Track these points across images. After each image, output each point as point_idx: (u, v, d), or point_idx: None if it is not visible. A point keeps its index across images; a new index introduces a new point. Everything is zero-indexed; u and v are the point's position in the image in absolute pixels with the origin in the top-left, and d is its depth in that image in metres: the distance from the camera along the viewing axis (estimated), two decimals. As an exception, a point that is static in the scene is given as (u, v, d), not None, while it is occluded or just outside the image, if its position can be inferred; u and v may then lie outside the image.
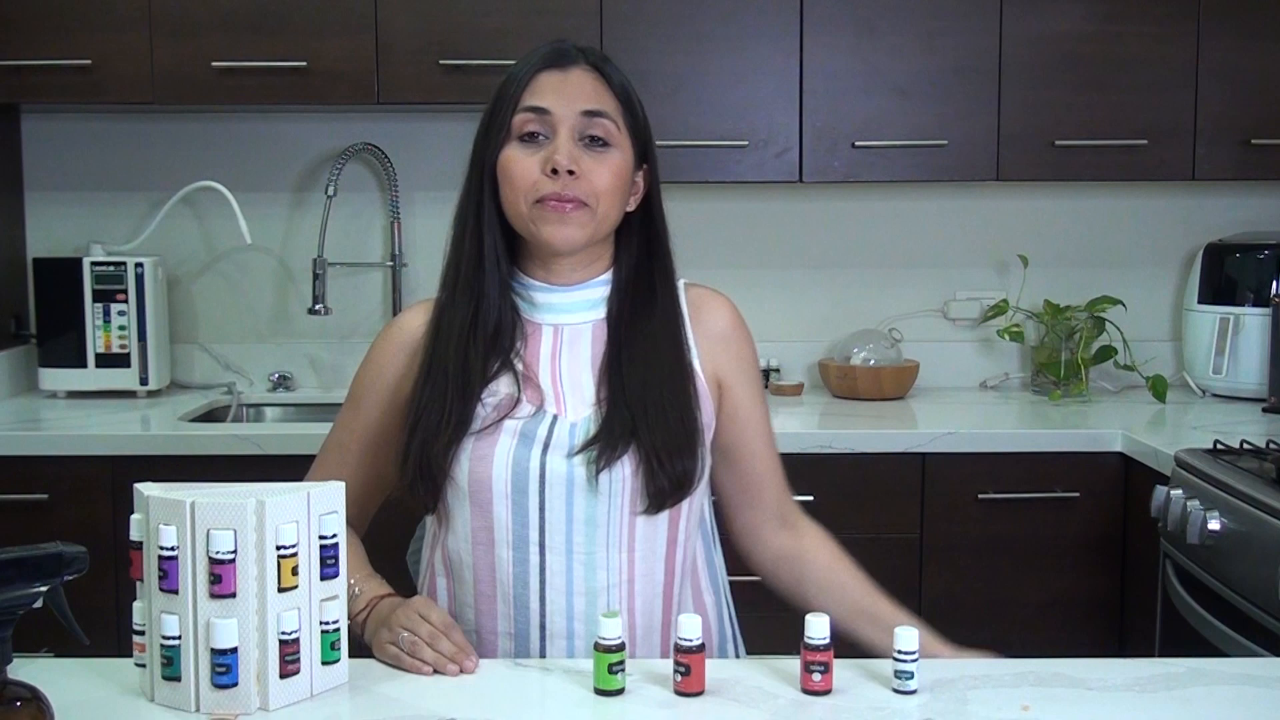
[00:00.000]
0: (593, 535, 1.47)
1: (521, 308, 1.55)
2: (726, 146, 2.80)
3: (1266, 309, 2.89)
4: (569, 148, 1.47)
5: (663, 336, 1.52)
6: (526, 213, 1.48)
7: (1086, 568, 2.62)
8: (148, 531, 1.21)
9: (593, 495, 1.46)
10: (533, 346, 1.53)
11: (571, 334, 1.54)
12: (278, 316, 3.18)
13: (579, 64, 1.52)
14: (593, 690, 1.26)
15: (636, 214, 1.56)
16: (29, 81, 2.75)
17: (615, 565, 1.48)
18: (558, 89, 1.49)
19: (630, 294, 1.54)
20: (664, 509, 1.48)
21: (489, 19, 2.75)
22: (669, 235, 1.58)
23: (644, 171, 1.56)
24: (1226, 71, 2.80)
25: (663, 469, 1.45)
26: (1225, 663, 1.40)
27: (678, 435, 1.47)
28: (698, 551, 1.58)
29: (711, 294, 1.62)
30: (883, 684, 1.28)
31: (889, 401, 2.96)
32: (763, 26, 2.78)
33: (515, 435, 1.47)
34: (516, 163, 1.48)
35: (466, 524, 1.48)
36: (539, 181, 1.47)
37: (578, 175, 1.46)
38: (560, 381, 1.51)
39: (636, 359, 1.50)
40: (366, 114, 3.06)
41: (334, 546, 1.25)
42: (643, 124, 1.55)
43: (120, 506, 2.44)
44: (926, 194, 3.16)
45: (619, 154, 1.50)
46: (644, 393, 1.48)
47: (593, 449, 1.46)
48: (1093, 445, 2.60)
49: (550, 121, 1.48)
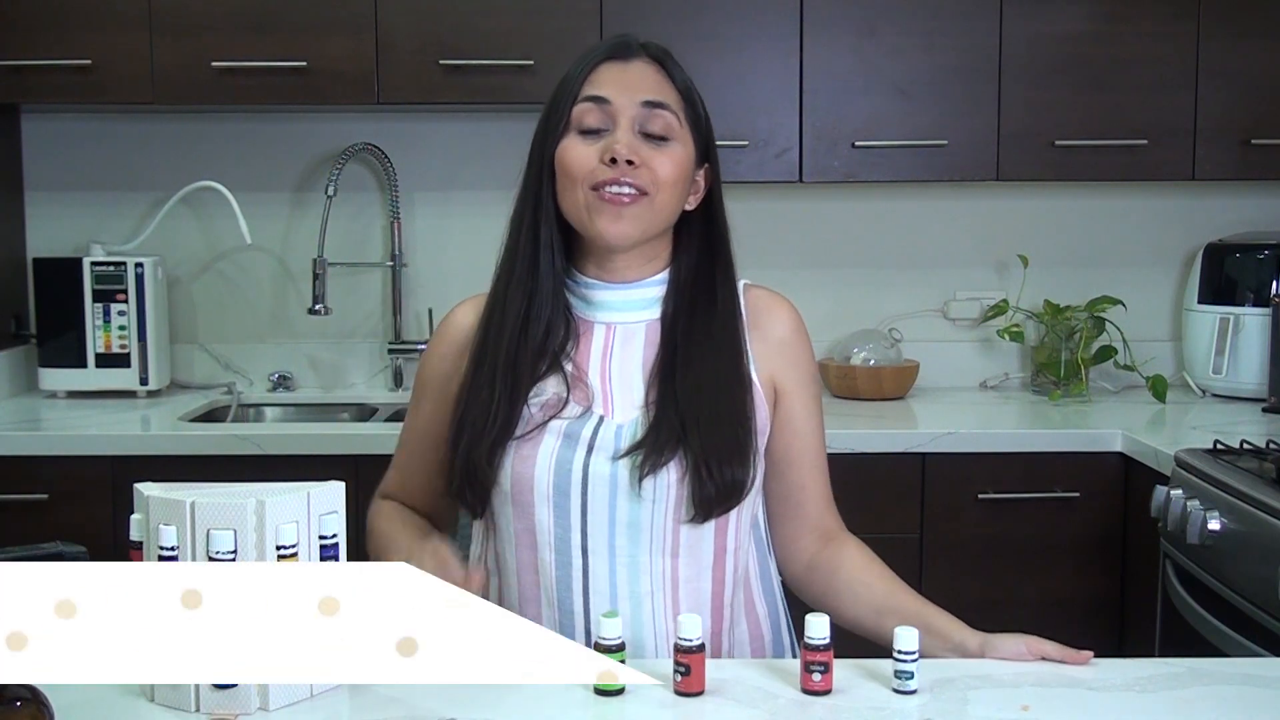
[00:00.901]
0: (636, 539, 1.44)
1: (575, 305, 1.52)
2: (726, 146, 2.79)
3: (1266, 309, 2.89)
4: (629, 138, 1.44)
5: (722, 342, 1.49)
6: (583, 202, 1.44)
7: (1086, 568, 2.62)
8: (148, 531, 1.21)
9: (636, 499, 1.43)
10: (584, 346, 1.51)
11: (625, 333, 1.51)
12: (278, 316, 3.18)
13: (641, 56, 1.50)
14: (593, 690, 1.25)
15: (697, 214, 1.53)
16: (29, 81, 2.75)
17: (659, 570, 1.45)
18: (618, 80, 1.47)
19: (689, 296, 1.51)
20: (711, 518, 1.45)
21: (489, 19, 2.75)
22: (731, 237, 1.54)
23: (705, 170, 1.53)
24: (1226, 71, 2.80)
25: (711, 478, 1.42)
26: (1225, 663, 1.39)
27: (729, 444, 1.44)
28: (751, 559, 1.55)
29: (773, 296, 1.58)
30: (883, 684, 1.28)
31: (889, 401, 2.96)
32: (763, 26, 2.78)
33: (560, 436, 1.45)
34: (575, 151, 1.45)
35: (510, 526, 1.47)
36: (596, 169, 1.43)
37: (637, 164, 1.43)
38: (610, 381, 1.49)
39: (692, 363, 1.47)
40: (366, 114, 3.06)
41: (334, 546, 1.25)
42: (705, 122, 1.52)
43: (120, 506, 2.44)
44: (926, 194, 3.16)
45: (680, 148, 1.47)
46: (697, 398, 1.44)
47: (638, 453, 1.43)
48: (1093, 445, 2.60)
49: (610, 112, 1.45)
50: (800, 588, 1.57)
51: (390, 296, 3.15)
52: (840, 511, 1.59)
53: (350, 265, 3.13)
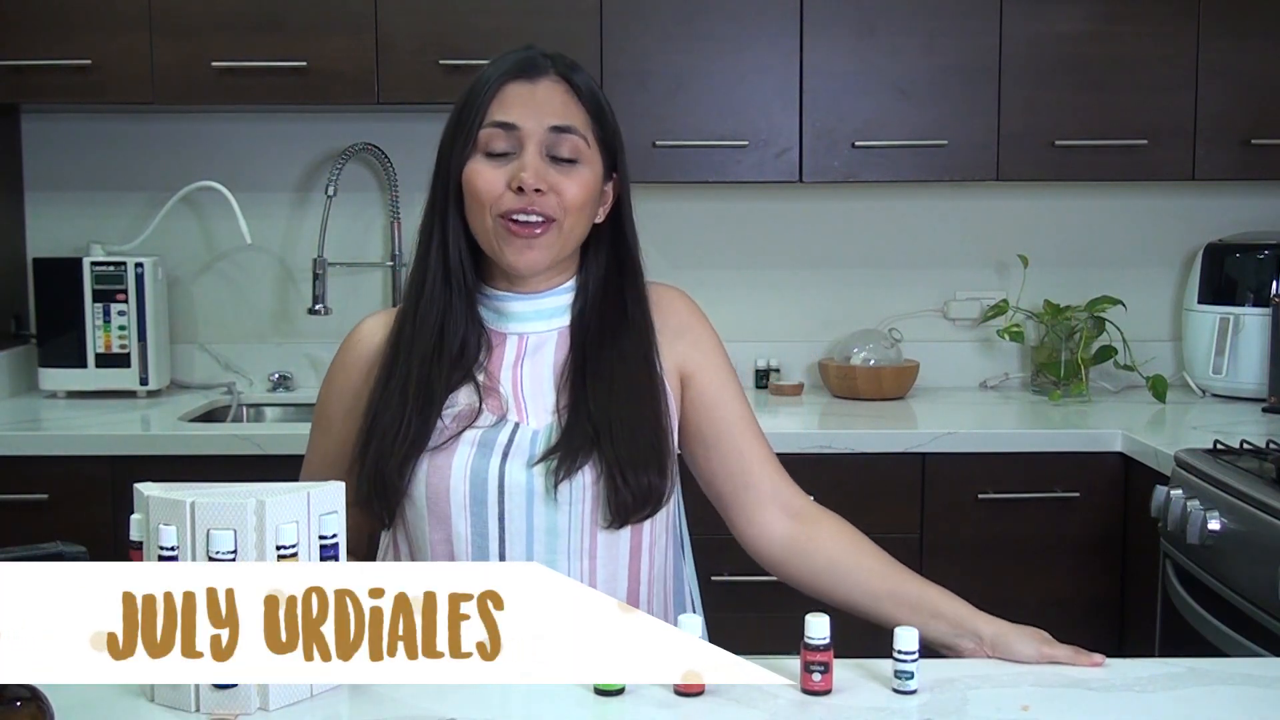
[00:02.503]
0: (553, 545, 1.45)
1: (486, 318, 1.52)
2: (726, 146, 2.80)
3: (1266, 309, 2.89)
4: (536, 164, 1.44)
5: (634, 352, 1.50)
6: (492, 229, 1.45)
7: (1086, 568, 2.62)
8: (148, 531, 1.21)
9: (553, 505, 1.44)
10: (496, 356, 1.51)
11: (535, 341, 1.52)
12: (278, 316, 3.18)
13: (548, 74, 1.47)
14: (593, 690, 1.25)
15: (605, 224, 1.53)
16: (29, 81, 2.75)
17: (576, 573, 1.46)
18: (525, 102, 1.45)
19: (598, 304, 1.51)
20: (628, 524, 1.46)
21: (489, 19, 2.75)
22: (639, 246, 1.54)
23: (613, 181, 1.53)
24: (1226, 71, 2.80)
25: (626, 484, 1.42)
26: (1225, 663, 1.39)
27: (645, 451, 1.44)
28: (668, 558, 1.56)
29: (664, 288, 1.59)
30: (883, 684, 1.28)
31: (889, 401, 2.97)
32: (763, 26, 2.78)
33: (474, 445, 1.45)
34: (482, 176, 1.45)
35: (425, 536, 1.46)
36: (504, 196, 1.43)
37: (544, 192, 1.43)
38: (522, 388, 1.49)
39: (602, 370, 1.47)
40: (366, 114, 3.06)
41: (334, 546, 1.24)
42: (613, 132, 1.51)
43: (120, 506, 2.43)
44: (926, 194, 3.16)
45: (588, 170, 1.47)
46: (609, 404, 1.45)
47: (552, 458, 1.43)
48: (1093, 445, 2.60)
49: (518, 137, 1.45)
50: (781, 574, 1.55)
51: (390, 296, 3.15)
52: (840, 511, 1.58)
53: (350, 265, 3.14)
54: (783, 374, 3.14)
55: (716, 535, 1.67)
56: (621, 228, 1.54)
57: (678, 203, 3.14)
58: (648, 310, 1.54)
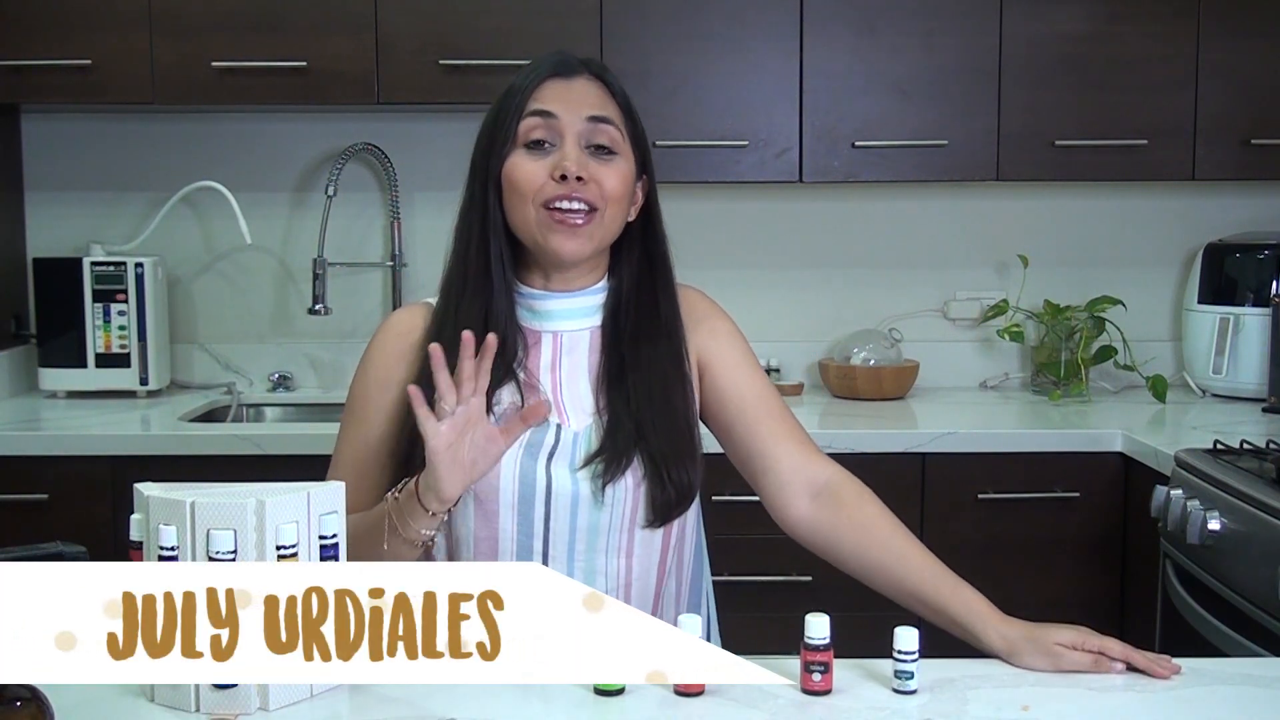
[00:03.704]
0: (594, 543, 1.48)
1: (522, 316, 1.54)
2: (726, 146, 2.80)
3: (1266, 309, 2.89)
4: (576, 153, 1.46)
5: (666, 351, 1.52)
6: (535, 219, 1.47)
7: (1086, 568, 2.62)
8: (148, 531, 1.21)
9: (597, 507, 1.47)
10: (534, 355, 1.53)
11: (570, 341, 1.54)
12: (278, 316, 3.18)
13: (582, 73, 1.52)
14: (593, 690, 1.25)
15: (636, 225, 1.55)
16: (29, 81, 2.75)
17: (614, 571, 1.49)
18: (563, 96, 1.49)
19: (632, 303, 1.54)
20: (669, 522, 1.49)
21: (489, 19, 2.75)
22: (669, 246, 1.57)
23: (643, 182, 1.55)
24: (1226, 71, 2.80)
25: (670, 481, 1.45)
26: (1225, 663, 1.40)
27: (682, 449, 1.47)
28: (691, 558, 1.59)
29: (685, 288, 1.62)
30: (883, 684, 1.28)
31: (889, 401, 2.97)
32: (763, 26, 2.78)
33: (522, 446, 1.46)
34: (522, 168, 1.47)
35: (470, 533, 1.48)
36: (546, 185, 1.46)
37: (586, 180, 1.46)
38: (560, 389, 1.52)
39: (639, 369, 1.50)
40: (366, 114, 3.06)
41: (334, 546, 1.25)
42: (642, 134, 1.55)
43: (120, 506, 2.44)
44: (926, 194, 3.16)
45: (624, 161, 1.50)
46: (648, 403, 1.48)
47: (598, 461, 1.46)
48: (1093, 445, 2.60)
49: (557, 127, 1.47)
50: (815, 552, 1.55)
51: (390, 296, 3.15)
52: None
53: (350, 265, 3.14)
54: (783, 374, 3.14)
55: (717, 535, 1.67)
56: (653, 227, 1.56)
57: (678, 203, 3.09)
58: (678, 310, 1.56)
